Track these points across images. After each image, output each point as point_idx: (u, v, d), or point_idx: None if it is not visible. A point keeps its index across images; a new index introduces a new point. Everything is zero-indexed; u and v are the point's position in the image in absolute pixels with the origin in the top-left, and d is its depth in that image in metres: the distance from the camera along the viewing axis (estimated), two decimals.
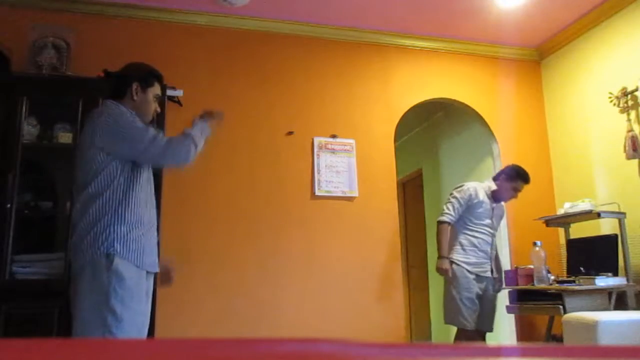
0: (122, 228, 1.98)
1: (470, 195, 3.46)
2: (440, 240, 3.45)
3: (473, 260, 3.39)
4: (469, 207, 3.46)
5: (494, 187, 3.53)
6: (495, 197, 3.52)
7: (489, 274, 3.44)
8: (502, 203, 3.62)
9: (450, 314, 3.37)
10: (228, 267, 3.62)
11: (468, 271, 3.37)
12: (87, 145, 2.05)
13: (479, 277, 3.39)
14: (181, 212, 3.59)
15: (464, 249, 3.42)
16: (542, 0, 3.85)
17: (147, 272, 2.09)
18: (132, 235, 2.00)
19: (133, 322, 1.96)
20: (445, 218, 3.45)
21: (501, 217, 3.65)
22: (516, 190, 3.50)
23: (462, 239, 3.45)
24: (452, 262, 3.42)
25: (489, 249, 3.45)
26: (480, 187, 3.53)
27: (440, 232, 3.45)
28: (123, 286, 1.93)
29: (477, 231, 3.44)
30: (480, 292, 3.39)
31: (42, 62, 3.30)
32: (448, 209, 3.46)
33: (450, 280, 3.39)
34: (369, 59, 4.24)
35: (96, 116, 2.11)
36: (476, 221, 3.45)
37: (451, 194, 3.54)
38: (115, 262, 1.94)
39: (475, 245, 3.41)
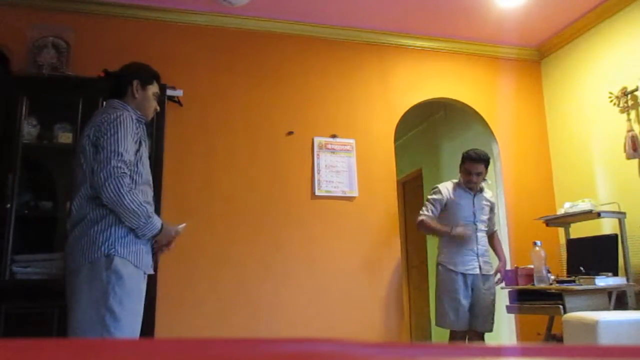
0: (122, 229, 1.99)
1: (442, 196, 3.44)
2: (432, 228, 3.44)
3: (458, 259, 3.34)
4: (446, 208, 3.43)
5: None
6: (467, 187, 3.43)
7: (476, 271, 3.33)
8: (485, 193, 3.51)
9: (437, 316, 3.38)
10: (228, 267, 3.62)
11: (453, 272, 3.33)
12: (86, 144, 2.05)
13: (465, 277, 3.32)
14: (181, 212, 3.59)
15: (448, 250, 3.40)
16: (542, 0, 3.85)
17: (144, 272, 2.10)
18: (131, 236, 2.00)
19: (130, 322, 1.96)
20: (420, 217, 3.46)
21: (489, 207, 3.50)
22: (469, 173, 3.37)
23: (446, 239, 3.42)
24: (438, 264, 3.44)
25: (474, 246, 3.36)
26: (454, 184, 3.49)
27: (424, 227, 3.46)
28: (122, 286, 1.93)
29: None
30: (469, 292, 3.31)
31: (42, 62, 3.30)
32: (423, 211, 3.47)
33: (437, 282, 3.42)
34: (369, 58, 4.24)
35: (98, 116, 2.11)
36: (456, 219, 3.39)
37: (427, 198, 3.57)
38: (114, 262, 1.94)
39: (459, 244, 3.36)
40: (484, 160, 3.39)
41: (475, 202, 3.42)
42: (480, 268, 3.34)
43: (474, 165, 3.36)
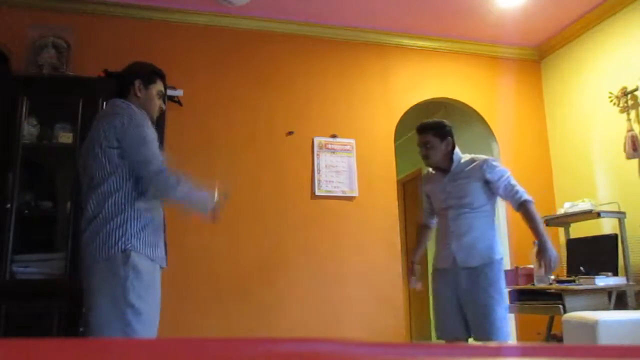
0: (137, 225, 2.01)
1: (424, 185, 2.97)
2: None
3: (436, 255, 2.82)
4: (429, 197, 2.92)
5: None
6: (425, 164, 2.91)
7: (446, 264, 2.68)
8: (466, 166, 2.78)
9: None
10: (228, 266, 3.62)
11: (434, 269, 2.83)
12: (101, 143, 2.04)
13: (441, 272, 2.73)
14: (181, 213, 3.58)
15: (435, 245, 2.89)
16: (542, 0, 3.85)
17: (159, 266, 2.12)
18: (146, 231, 2.03)
19: (151, 316, 1.99)
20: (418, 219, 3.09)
21: (478, 181, 2.73)
22: (419, 146, 2.82)
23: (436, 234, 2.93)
24: None
25: (448, 234, 2.71)
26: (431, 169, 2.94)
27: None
28: (140, 280, 1.95)
29: (440, 219, 2.84)
30: (450, 291, 2.65)
31: (42, 62, 3.30)
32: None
33: None
34: (369, 58, 4.24)
35: (109, 115, 2.09)
36: (437, 209, 2.84)
37: None
38: (132, 257, 1.95)
39: (439, 236, 2.83)
40: (428, 128, 2.78)
41: (447, 184, 2.76)
42: (454, 259, 2.65)
43: (418, 136, 2.83)
